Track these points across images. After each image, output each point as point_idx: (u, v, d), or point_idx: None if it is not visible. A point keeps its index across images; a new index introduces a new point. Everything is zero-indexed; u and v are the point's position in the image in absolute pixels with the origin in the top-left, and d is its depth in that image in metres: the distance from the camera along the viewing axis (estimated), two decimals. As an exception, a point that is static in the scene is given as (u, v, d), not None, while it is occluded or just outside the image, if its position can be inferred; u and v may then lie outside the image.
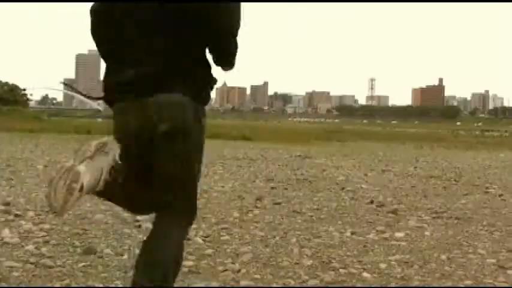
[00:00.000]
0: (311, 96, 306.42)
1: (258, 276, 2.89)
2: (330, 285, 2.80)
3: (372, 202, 5.60)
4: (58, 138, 18.17)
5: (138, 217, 4.32)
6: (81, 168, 1.79)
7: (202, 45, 1.95)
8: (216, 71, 2.01)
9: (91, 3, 2.01)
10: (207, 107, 2.11)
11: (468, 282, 2.91)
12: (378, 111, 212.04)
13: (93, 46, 2.09)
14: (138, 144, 1.92)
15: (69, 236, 3.60)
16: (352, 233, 4.06)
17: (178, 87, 1.88)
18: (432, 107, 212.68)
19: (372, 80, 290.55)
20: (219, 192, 5.98)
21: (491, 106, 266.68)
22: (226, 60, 2.00)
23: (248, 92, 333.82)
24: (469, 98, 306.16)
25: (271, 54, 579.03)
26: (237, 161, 10.73)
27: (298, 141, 22.46)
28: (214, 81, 2.01)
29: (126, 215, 4.45)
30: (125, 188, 1.92)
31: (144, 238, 1.98)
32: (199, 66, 1.95)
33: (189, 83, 1.91)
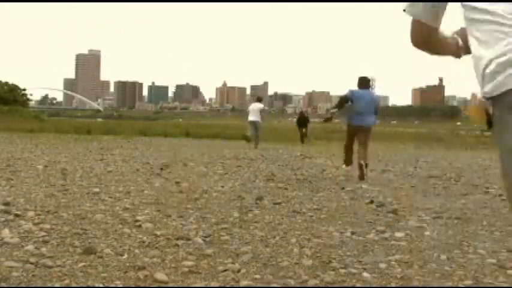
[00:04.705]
0: (311, 96, 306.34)
1: (258, 276, 2.89)
2: (330, 285, 2.80)
3: (371, 202, 5.60)
4: (58, 138, 18.17)
5: (138, 217, 4.33)
6: None
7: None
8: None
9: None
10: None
11: (468, 282, 2.91)
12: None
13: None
14: None
15: (69, 236, 3.59)
16: (352, 233, 4.05)
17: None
18: (432, 107, 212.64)
19: (372, 80, 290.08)
20: (219, 192, 5.98)
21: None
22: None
23: (248, 92, 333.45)
24: (469, 98, 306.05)
25: (271, 55, 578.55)
26: (237, 161, 10.73)
27: (297, 141, 22.44)
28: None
29: (126, 215, 4.46)
30: None
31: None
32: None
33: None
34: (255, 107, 15.81)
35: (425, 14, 1.47)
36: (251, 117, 15.41)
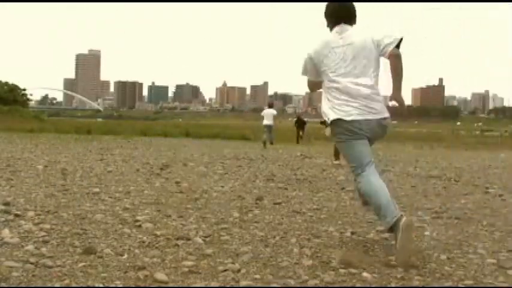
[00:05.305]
0: (311, 96, 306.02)
1: (258, 276, 2.89)
2: (330, 285, 2.80)
3: (372, 202, 5.60)
4: (58, 138, 18.17)
5: (138, 217, 4.33)
6: None
7: None
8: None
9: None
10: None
11: (468, 282, 2.90)
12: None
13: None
14: None
15: (69, 236, 3.59)
16: (352, 233, 4.05)
17: None
18: (432, 107, 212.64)
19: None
20: (219, 192, 5.98)
21: (491, 106, 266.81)
22: None
23: (248, 92, 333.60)
24: (469, 98, 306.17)
25: (271, 55, 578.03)
26: (237, 161, 10.74)
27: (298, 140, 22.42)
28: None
29: (126, 215, 4.45)
30: None
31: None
32: None
33: None
34: (269, 112, 18.15)
35: (314, 77, 3.84)
36: (266, 121, 17.77)
